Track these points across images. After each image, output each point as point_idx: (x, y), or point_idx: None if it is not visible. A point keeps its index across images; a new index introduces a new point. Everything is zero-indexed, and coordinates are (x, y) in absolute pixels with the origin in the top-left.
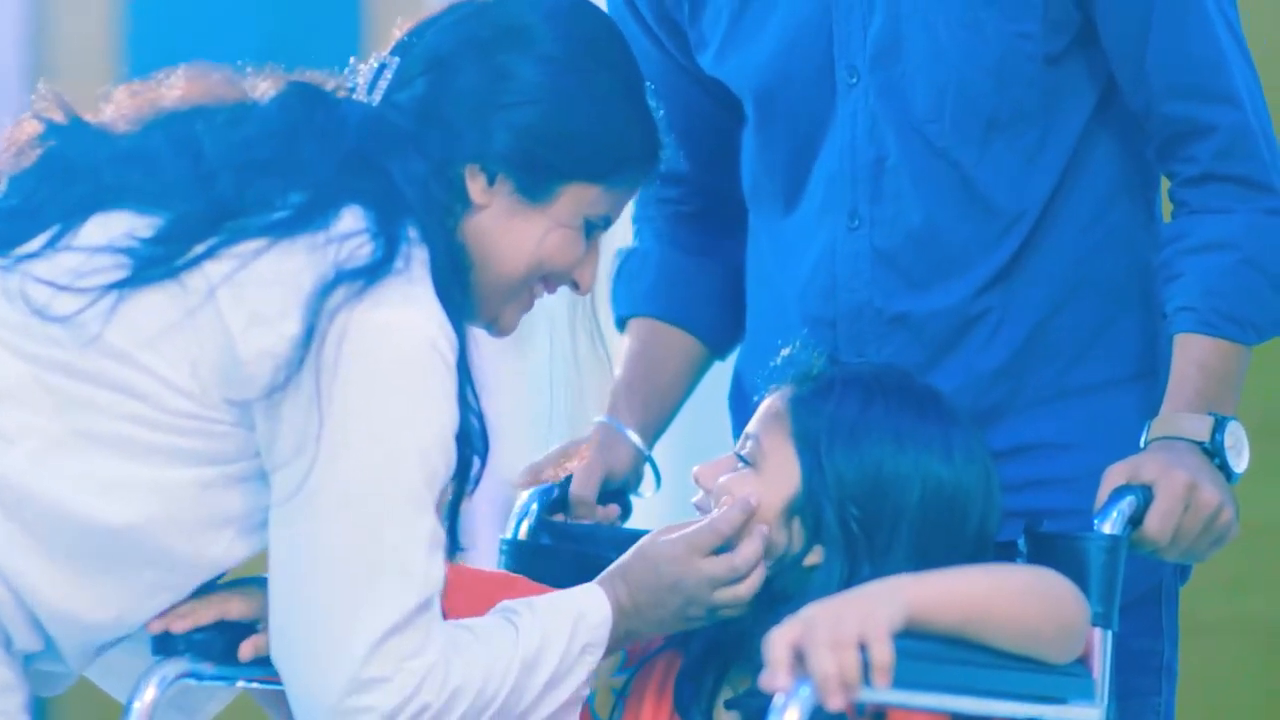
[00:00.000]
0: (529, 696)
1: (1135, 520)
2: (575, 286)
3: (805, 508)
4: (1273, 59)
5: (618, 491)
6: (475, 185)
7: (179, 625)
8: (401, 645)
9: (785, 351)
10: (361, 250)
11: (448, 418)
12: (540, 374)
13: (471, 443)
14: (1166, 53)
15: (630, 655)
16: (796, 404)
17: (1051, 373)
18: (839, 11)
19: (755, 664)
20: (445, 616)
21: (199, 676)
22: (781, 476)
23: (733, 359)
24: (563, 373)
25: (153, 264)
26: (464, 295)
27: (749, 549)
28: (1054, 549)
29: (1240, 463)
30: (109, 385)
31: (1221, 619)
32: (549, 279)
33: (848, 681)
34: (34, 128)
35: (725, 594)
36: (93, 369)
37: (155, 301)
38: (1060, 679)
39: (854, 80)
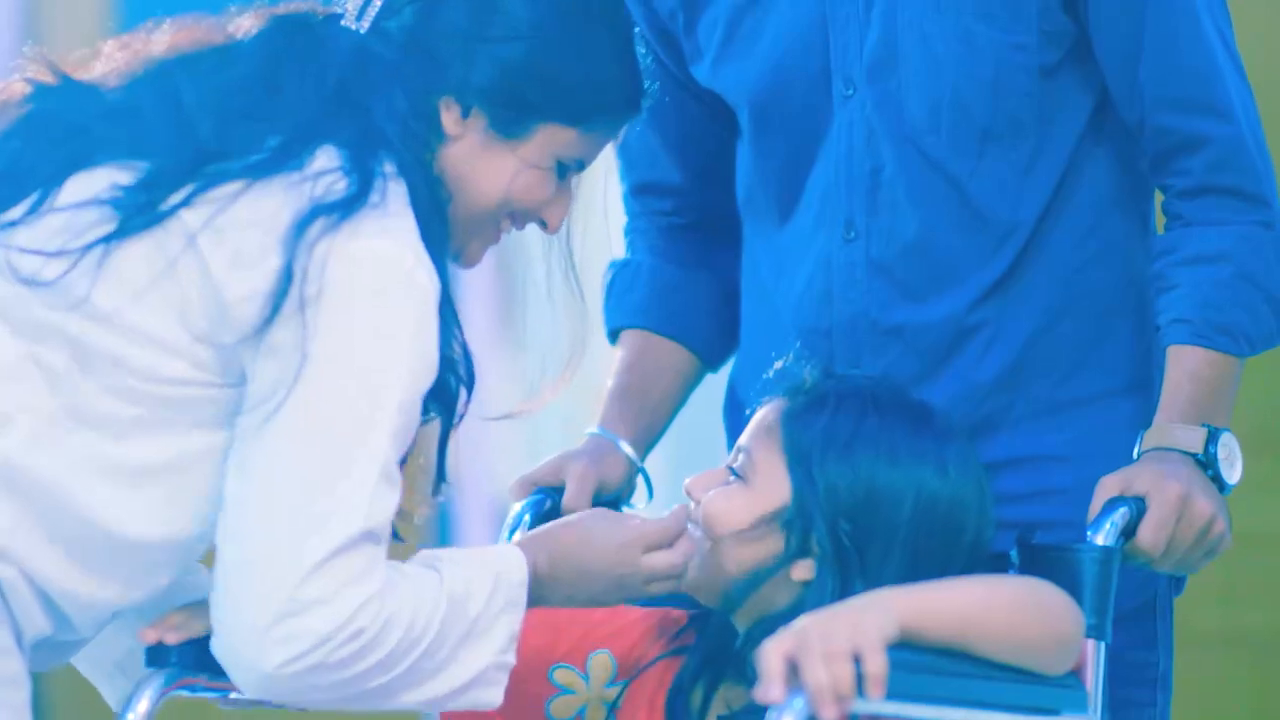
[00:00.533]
0: (451, 641)
1: (1128, 532)
2: (543, 225)
3: (794, 521)
4: (1268, 63)
5: (610, 503)
6: (449, 116)
7: (172, 637)
8: (343, 569)
9: (778, 364)
10: (337, 186)
11: (423, 348)
12: (535, 376)
13: (456, 374)
14: (1160, 65)
15: (623, 668)
16: (788, 418)
17: (1047, 385)
18: (835, 23)
19: (747, 677)
20: None
21: (192, 688)
22: (771, 489)
23: (726, 370)
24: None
25: (136, 212)
26: (444, 227)
27: (680, 545)
28: (1047, 560)
29: (1233, 474)
30: (100, 357)
31: (1214, 630)
32: (517, 216)
33: (841, 693)
34: (21, 89)
35: (656, 586)
36: (82, 336)
37: (140, 252)
38: (1054, 690)
39: (850, 92)
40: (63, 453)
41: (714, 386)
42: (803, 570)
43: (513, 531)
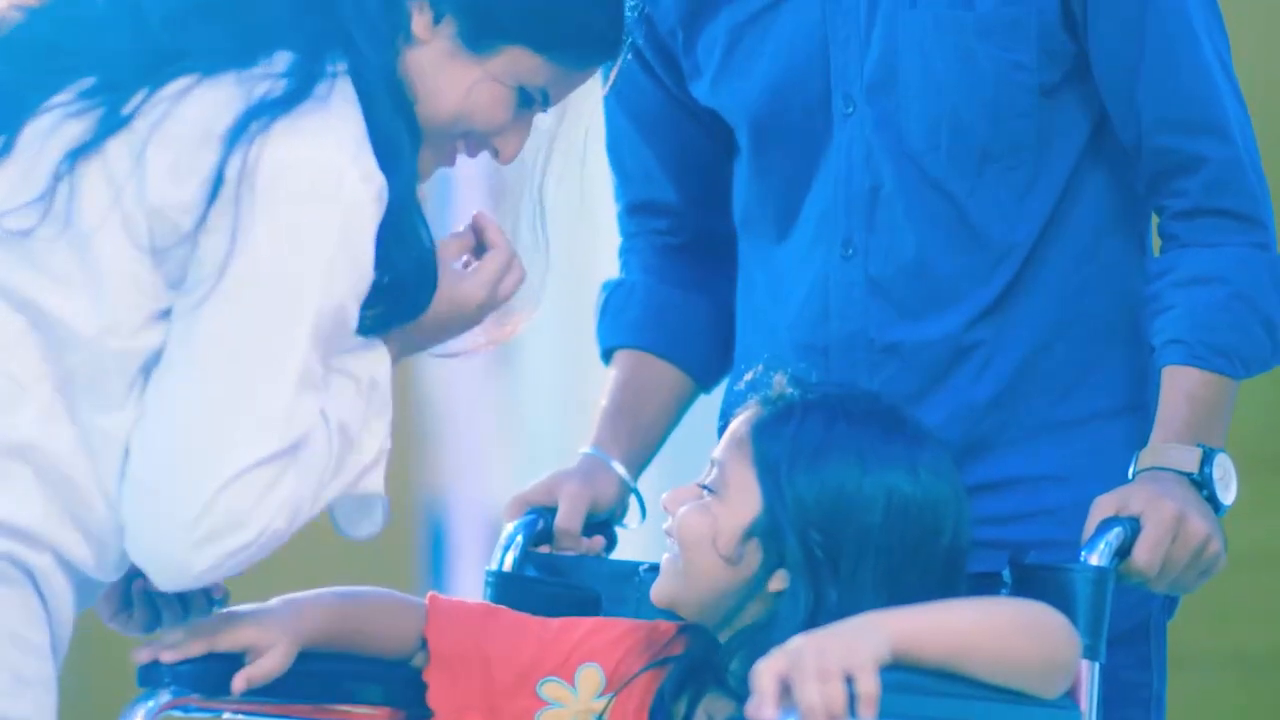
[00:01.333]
0: (339, 468)
1: (1123, 552)
2: (496, 155)
3: (766, 533)
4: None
5: (603, 523)
6: (420, 20)
7: (168, 656)
8: (260, 480)
9: (749, 375)
10: (279, 85)
11: (352, 254)
12: (525, 397)
13: (413, 274)
14: (1158, 85)
15: (611, 681)
16: (758, 429)
17: (1043, 405)
18: (836, 41)
19: (729, 689)
20: (427, 648)
21: (185, 708)
22: (742, 502)
23: (720, 390)
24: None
25: (101, 119)
26: (407, 129)
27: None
28: (1040, 580)
29: (1228, 495)
30: (74, 313)
31: (1205, 651)
32: (471, 139)
33: (833, 713)
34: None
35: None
36: (63, 274)
37: (100, 166)
38: (1048, 711)
39: (850, 110)
40: (69, 428)
41: (708, 405)
42: (778, 581)
43: (505, 551)
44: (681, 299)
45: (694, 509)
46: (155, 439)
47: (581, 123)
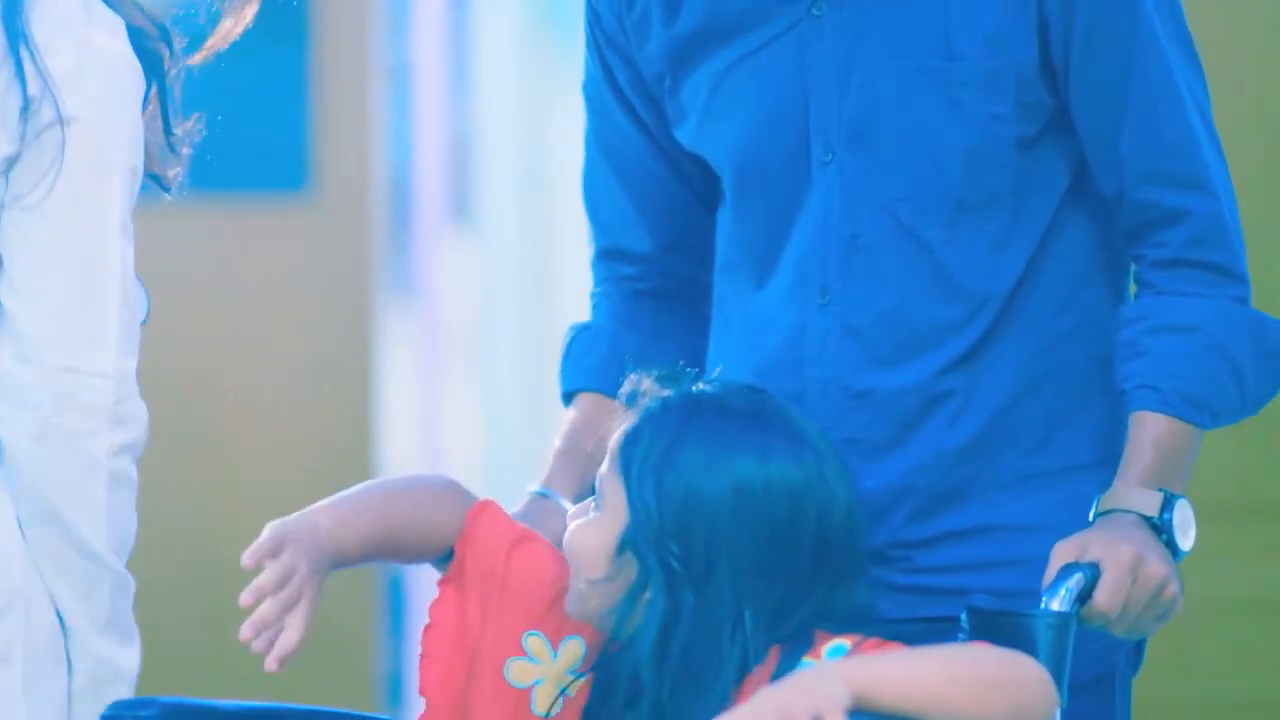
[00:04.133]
0: None
1: (1083, 597)
2: None
3: (633, 545)
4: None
5: None
6: None
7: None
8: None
9: (627, 385)
10: None
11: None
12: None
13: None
14: (1141, 140)
15: (588, 660)
16: (624, 438)
17: (1015, 455)
18: (816, 89)
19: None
20: (453, 558)
21: None
22: (614, 515)
23: None
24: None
25: None
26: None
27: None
28: (1000, 626)
29: (1186, 541)
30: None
31: (1165, 699)
32: None
33: None
34: None
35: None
36: None
37: None
38: None
39: (829, 158)
40: None
41: None
42: (649, 592)
43: None
44: (645, 345)
45: (579, 525)
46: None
47: None
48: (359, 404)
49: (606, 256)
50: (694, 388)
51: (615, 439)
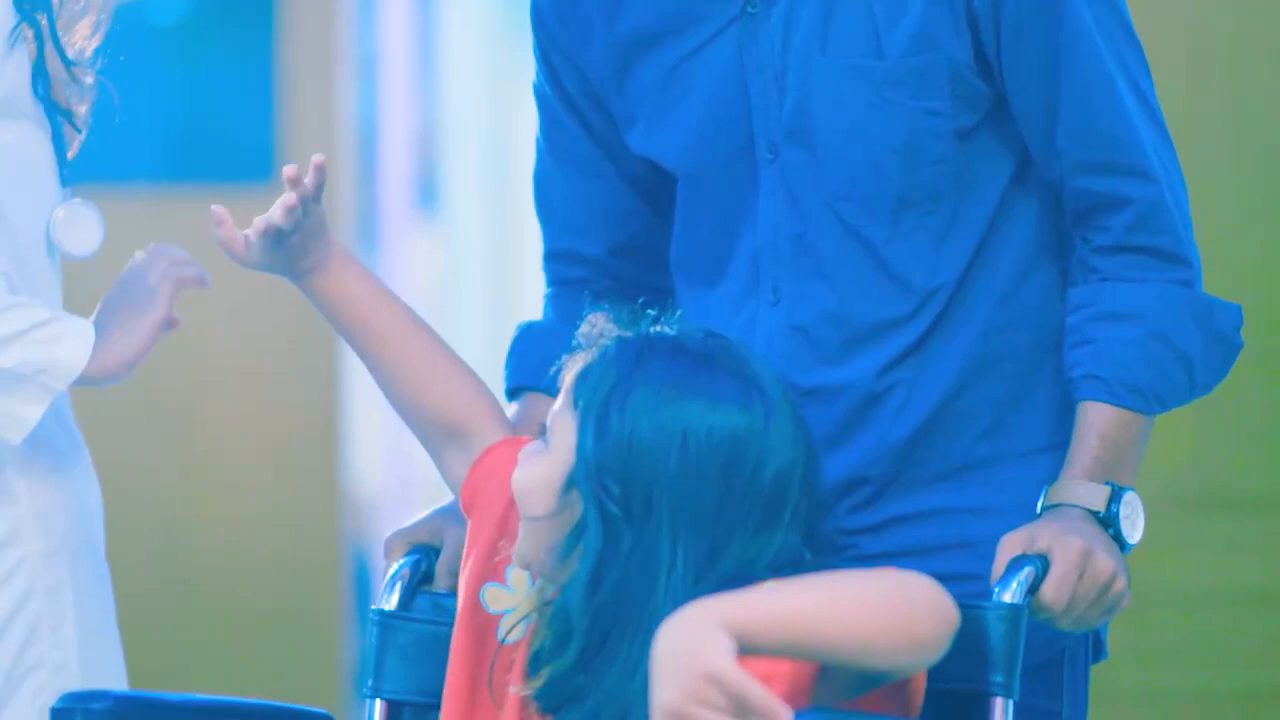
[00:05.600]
0: None
1: (1033, 589)
2: None
3: (581, 482)
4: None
5: None
6: None
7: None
8: None
9: (587, 326)
10: None
11: None
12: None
13: None
14: (1075, 131)
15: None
16: (579, 377)
17: (964, 444)
18: (755, 88)
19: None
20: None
21: None
22: (564, 452)
23: None
24: None
25: None
26: None
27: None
28: None
29: (1134, 534)
30: None
31: (1131, 689)
32: None
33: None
34: None
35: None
36: None
37: None
38: None
39: (772, 157)
40: None
41: None
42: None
43: (390, 591)
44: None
45: (526, 465)
46: None
47: None
48: (327, 393)
49: (556, 258)
50: (651, 329)
51: (570, 376)
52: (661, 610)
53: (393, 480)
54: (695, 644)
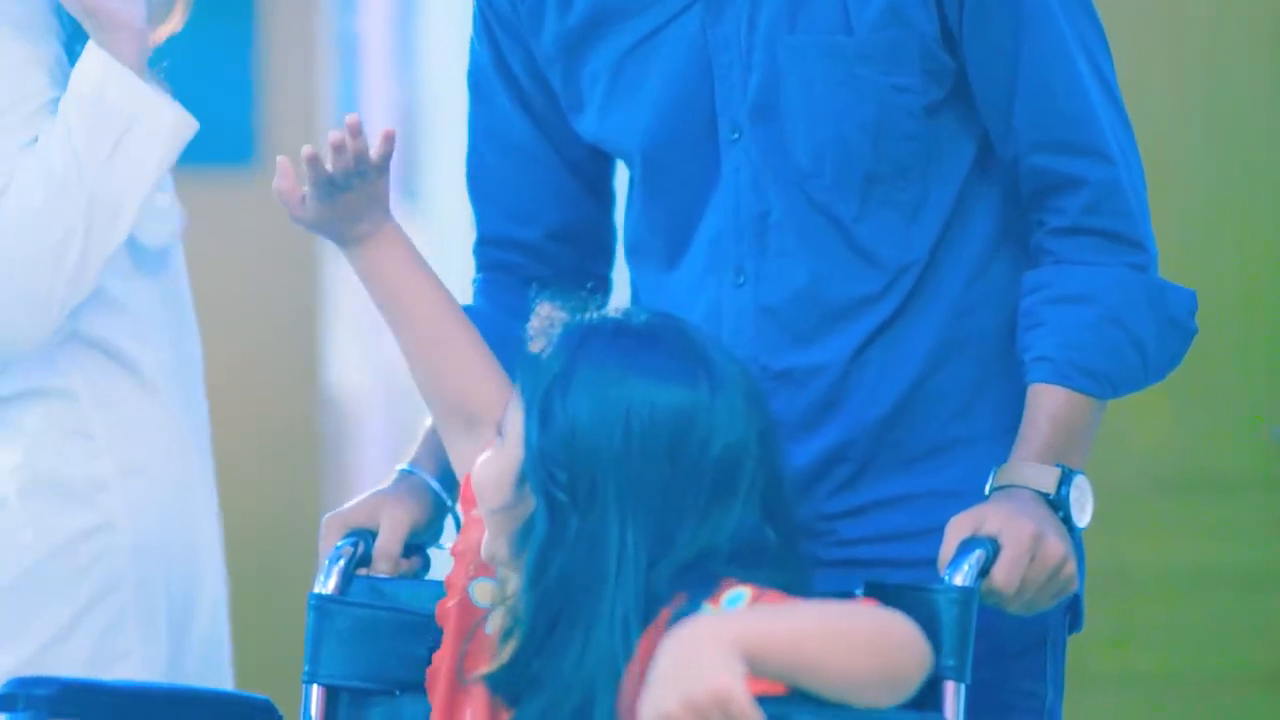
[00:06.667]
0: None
1: (983, 572)
2: None
3: (528, 472)
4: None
5: (417, 545)
6: None
7: None
8: None
9: (535, 318)
10: None
11: None
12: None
13: None
14: (1033, 108)
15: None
16: (524, 367)
17: (936, 425)
18: (719, 67)
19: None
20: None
21: None
22: (514, 443)
23: None
24: None
25: None
26: None
27: None
28: (902, 601)
29: (1083, 517)
30: None
31: (1103, 672)
32: None
33: None
34: None
35: None
36: None
37: None
38: None
39: (736, 136)
40: None
41: None
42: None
43: (328, 575)
44: (521, 331)
45: (483, 459)
46: None
47: None
48: (308, 377)
49: (491, 244)
50: (596, 314)
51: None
52: (616, 595)
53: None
54: (708, 660)
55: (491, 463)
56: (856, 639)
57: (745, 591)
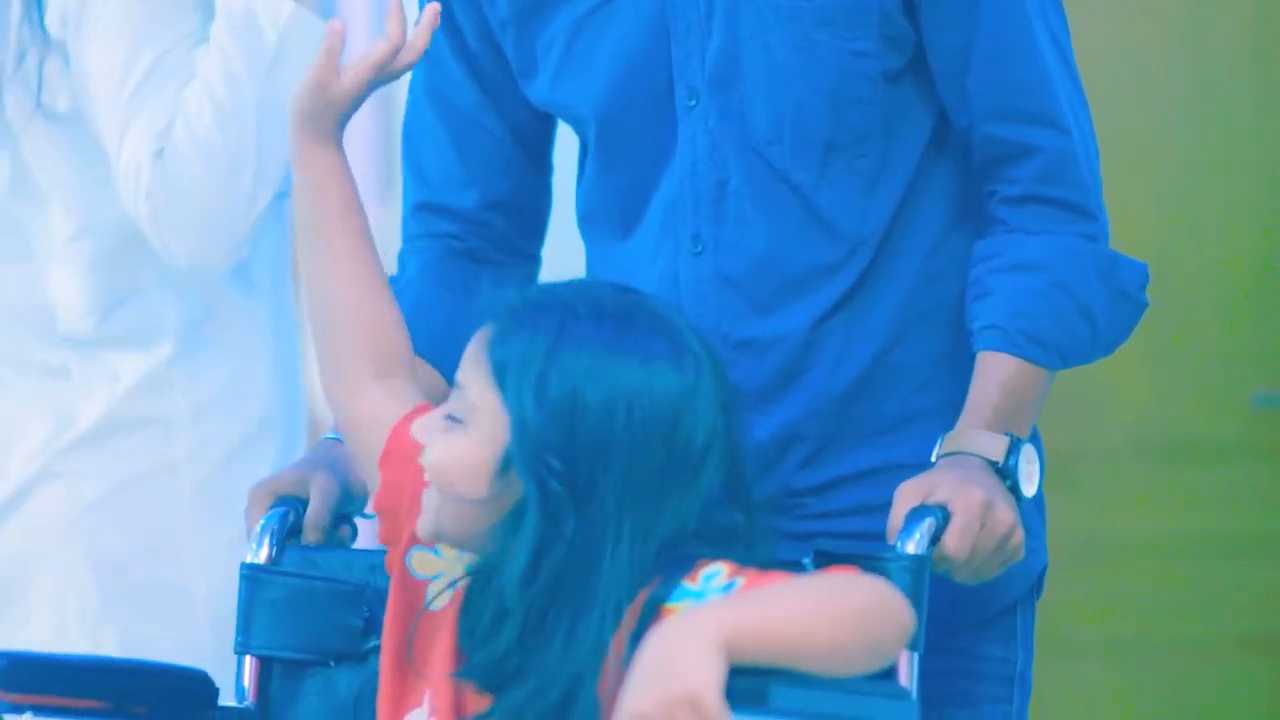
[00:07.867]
0: None
1: (933, 539)
2: None
3: (518, 461)
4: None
5: (344, 514)
6: None
7: None
8: None
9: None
10: None
11: None
12: None
13: None
14: (988, 75)
15: None
16: (492, 341)
17: (899, 397)
18: (677, 34)
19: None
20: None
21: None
22: (492, 427)
23: None
24: None
25: None
26: None
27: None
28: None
29: (1030, 487)
30: None
31: (1086, 640)
32: None
33: None
34: None
35: None
36: None
37: None
38: (890, 703)
39: (693, 103)
40: None
41: None
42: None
43: (259, 545)
44: (451, 303)
45: (444, 443)
46: None
47: None
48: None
49: (424, 211)
50: (567, 291)
51: (478, 343)
52: (604, 586)
53: None
54: (686, 660)
55: (457, 449)
56: (842, 615)
57: (721, 568)
